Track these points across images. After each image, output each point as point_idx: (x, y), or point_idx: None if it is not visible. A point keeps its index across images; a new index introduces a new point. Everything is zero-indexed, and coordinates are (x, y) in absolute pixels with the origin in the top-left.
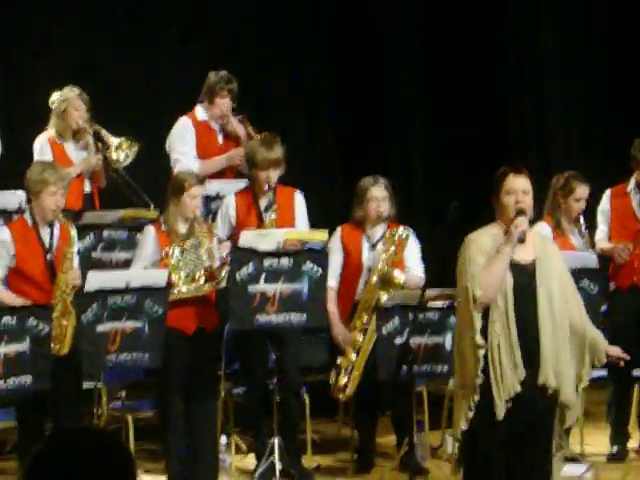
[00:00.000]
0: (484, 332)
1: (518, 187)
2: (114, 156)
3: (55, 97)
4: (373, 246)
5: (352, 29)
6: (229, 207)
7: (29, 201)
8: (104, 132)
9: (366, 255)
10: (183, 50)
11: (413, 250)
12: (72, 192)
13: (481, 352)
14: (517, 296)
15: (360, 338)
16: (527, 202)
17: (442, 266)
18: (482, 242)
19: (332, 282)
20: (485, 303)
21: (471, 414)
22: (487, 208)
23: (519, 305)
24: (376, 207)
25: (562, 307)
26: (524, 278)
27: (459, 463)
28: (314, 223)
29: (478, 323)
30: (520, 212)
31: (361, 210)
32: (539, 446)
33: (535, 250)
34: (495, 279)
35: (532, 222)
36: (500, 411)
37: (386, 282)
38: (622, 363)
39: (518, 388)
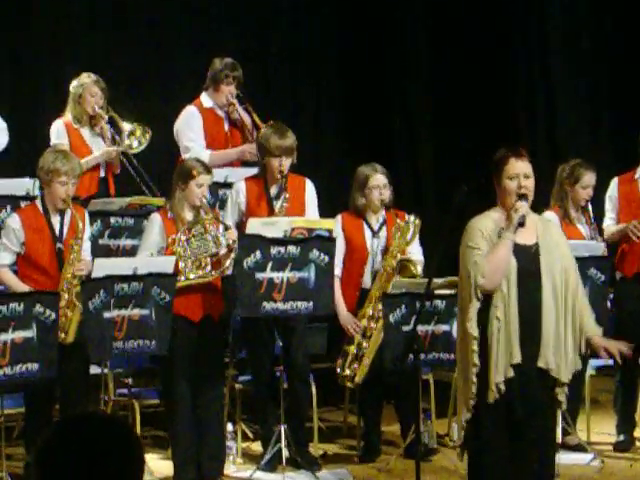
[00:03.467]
0: (485, 318)
1: (520, 171)
2: (127, 142)
3: (74, 83)
4: (375, 233)
5: (357, 15)
6: (239, 193)
7: (41, 188)
8: (119, 119)
9: (369, 243)
10: (189, 37)
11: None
12: (86, 177)
13: (474, 342)
14: (520, 279)
15: (373, 325)
16: (529, 186)
17: (449, 253)
18: (483, 228)
19: (336, 270)
20: (489, 290)
21: (472, 402)
22: (495, 194)
23: (522, 288)
24: (379, 195)
25: (566, 289)
26: (527, 261)
27: (463, 450)
28: (322, 212)
29: (474, 312)
30: (521, 196)
31: (362, 198)
32: (542, 430)
33: (537, 233)
34: (499, 265)
35: (539, 210)
36: (492, 395)
37: (402, 270)
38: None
39: (511, 373)
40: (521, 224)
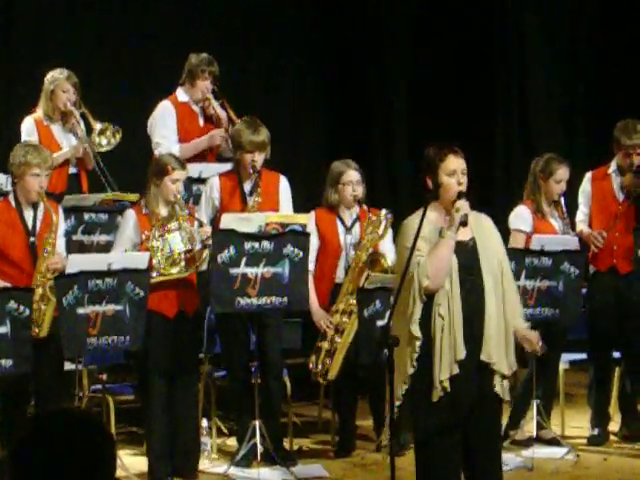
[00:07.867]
0: (426, 316)
1: (458, 167)
2: (96, 140)
3: (47, 79)
4: (348, 229)
5: (339, 13)
6: (213, 188)
7: (14, 184)
8: (90, 116)
9: (342, 238)
10: (167, 33)
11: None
12: (54, 174)
13: (417, 343)
14: (462, 275)
15: (345, 319)
16: (465, 183)
17: None
18: (417, 227)
19: (309, 266)
20: (434, 290)
21: (398, 403)
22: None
23: (464, 284)
24: (351, 191)
25: (503, 281)
26: (466, 257)
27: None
28: (299, 208)
29: (418, 314)
30: (461, 194)
31: (335, 194)
32: (488, 424)
33: (472, 227)
34: (442, 265)
35: (512, 204)
36: (436, 393)
37: (373, 264)
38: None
39: (455, 370)
40: (463, 223)
